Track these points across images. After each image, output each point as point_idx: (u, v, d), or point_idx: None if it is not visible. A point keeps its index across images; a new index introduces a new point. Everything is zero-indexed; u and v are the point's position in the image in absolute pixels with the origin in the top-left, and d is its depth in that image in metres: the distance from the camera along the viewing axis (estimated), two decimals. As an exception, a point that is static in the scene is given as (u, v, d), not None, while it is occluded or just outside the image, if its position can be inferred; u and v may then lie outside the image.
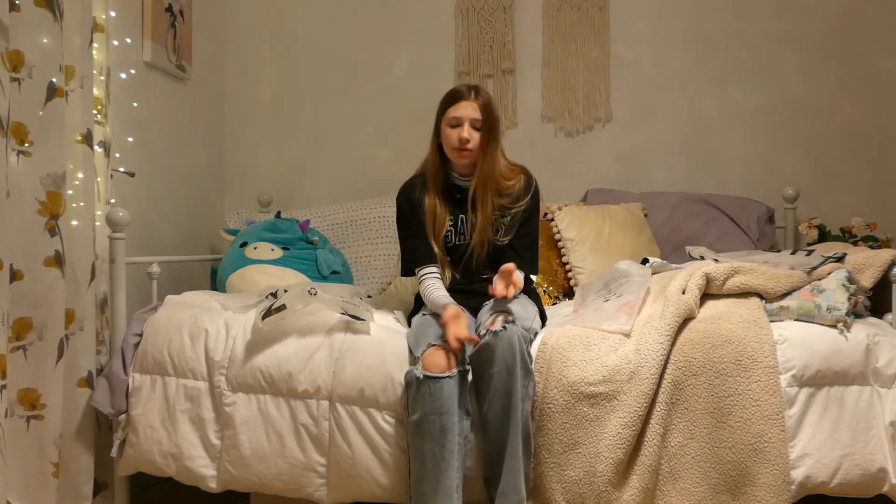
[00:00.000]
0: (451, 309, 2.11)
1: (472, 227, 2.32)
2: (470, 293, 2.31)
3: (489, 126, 2.26)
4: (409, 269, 2.35)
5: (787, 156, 3.28)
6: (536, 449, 2.03)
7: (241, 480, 2.21)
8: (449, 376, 1.97)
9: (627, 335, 2.09)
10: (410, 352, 2.13)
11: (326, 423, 2.16)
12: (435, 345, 2.03)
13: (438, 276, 2.29)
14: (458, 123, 2.26)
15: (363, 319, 2.24)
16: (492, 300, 2.21)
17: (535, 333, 2.18)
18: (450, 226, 2.33)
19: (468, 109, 2.25)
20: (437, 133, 2.33)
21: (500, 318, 2.07)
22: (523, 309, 2.17)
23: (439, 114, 2.31)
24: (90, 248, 2.34)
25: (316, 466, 2.16)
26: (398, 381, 2.11)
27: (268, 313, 2.22)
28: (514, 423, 1.96)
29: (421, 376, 1.97)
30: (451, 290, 2.28)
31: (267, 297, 2.35)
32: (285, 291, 2.31)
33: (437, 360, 1.99)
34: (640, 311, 2.17)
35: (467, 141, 2.24)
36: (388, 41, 3.53)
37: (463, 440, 2.00)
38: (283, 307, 2.22)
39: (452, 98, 2.29)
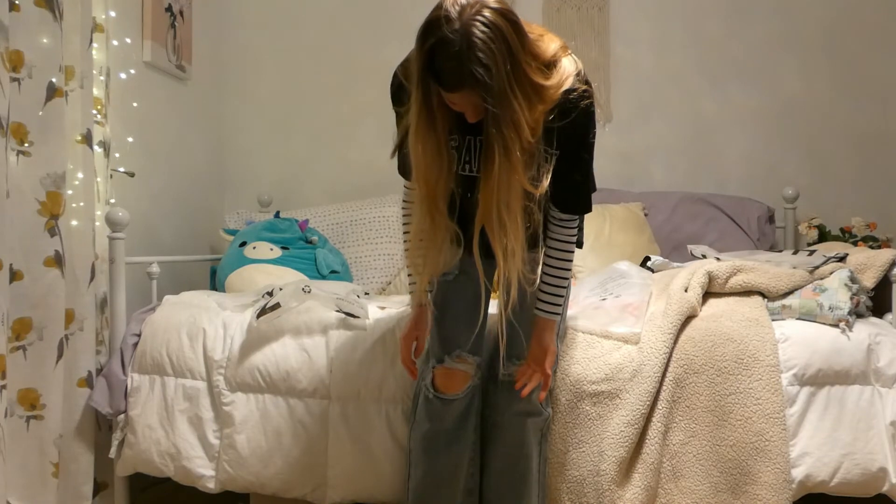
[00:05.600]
0: (411, 318, 1.95)
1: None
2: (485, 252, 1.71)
3: None
4: (401, 173, 1.90)
5: (787, 156, 3.28)
6: (539, 448, 2.03)
7: (238, 480, 2.20)
8: (460, 397, 1.87)
9: (638, 339, 2.07)
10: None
11: (325, 421, 2.16)
12: (445, 364, 1.88)
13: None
14: None
15: (358, 317, 2.24)
16: None
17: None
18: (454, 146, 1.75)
19: None
20: None
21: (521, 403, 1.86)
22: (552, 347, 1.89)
23: None
24: (90, 248, 2.34)
25: (314, 465, 2.16)
26: (399, 371, 2.11)
27: (262, 312, 2.22)
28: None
29: (431, 395, 1.88)
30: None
31: (263, 297, 2.36)
32: (280, 290, 2.31)
33: (449, 381, 1.87)
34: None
35: None
36: (389, 41, 3.52)
37: (473, 451, 1.93)
38: (277, 305, 2.22)
39: None
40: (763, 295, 2.21)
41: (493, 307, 1.98)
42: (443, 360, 1.88)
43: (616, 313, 2.16)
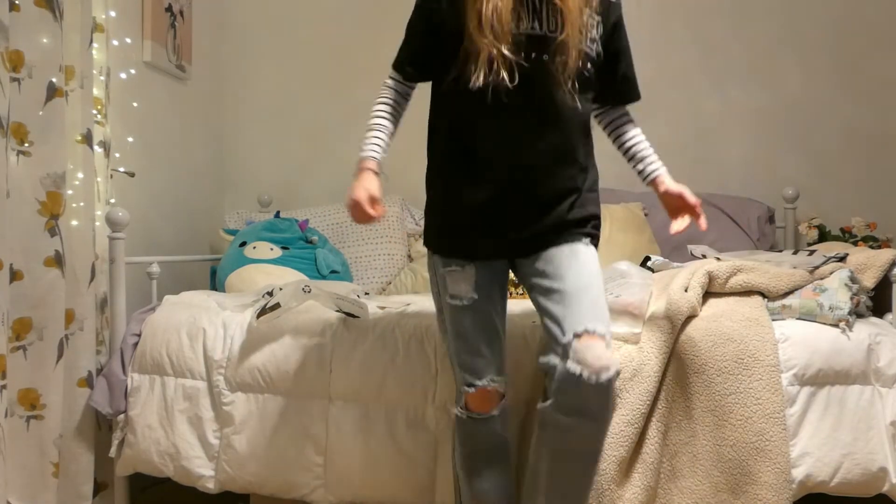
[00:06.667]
0: (361, 178, 1.88)
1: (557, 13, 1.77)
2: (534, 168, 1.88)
3: None
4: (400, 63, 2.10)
5: (787, 156, 3.28)
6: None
7: (238, 481, 2.20)
8: (495, 415, 1.84)
9: (638, 339, 2.07)
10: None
11: (324, 421, 2.16)
12: (478, 387, 1.83)
13: (393, 94, 2.08)
14: None
15: (358, 317, 2.24)
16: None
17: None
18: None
19: None
20: None
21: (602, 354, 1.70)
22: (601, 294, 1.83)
23: None
24: (90, 248, 2.34)
25: (313, 466, 2.16)
26: (399, 371, 2.11)
27: (262, 312, 2.22)
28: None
29: (464, 416, 1.85)
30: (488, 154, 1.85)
31: (263, 296, 2.36)
32: (280, 290, 2.31)
33: (483, 401, 1.83)
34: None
35: None
36: (388, 41, 3.49)
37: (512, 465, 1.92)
38: (277, 305, 2.22)
39: None
40: (763, 295, 2.20)
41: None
42: (474, 385, 1.83)
43: (616, 313, 2.15)
